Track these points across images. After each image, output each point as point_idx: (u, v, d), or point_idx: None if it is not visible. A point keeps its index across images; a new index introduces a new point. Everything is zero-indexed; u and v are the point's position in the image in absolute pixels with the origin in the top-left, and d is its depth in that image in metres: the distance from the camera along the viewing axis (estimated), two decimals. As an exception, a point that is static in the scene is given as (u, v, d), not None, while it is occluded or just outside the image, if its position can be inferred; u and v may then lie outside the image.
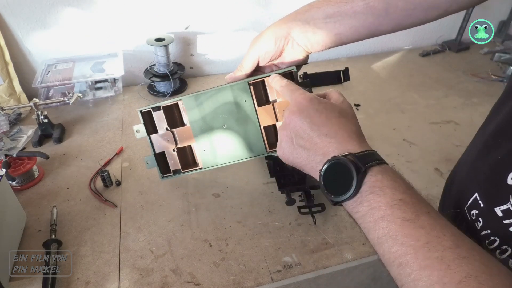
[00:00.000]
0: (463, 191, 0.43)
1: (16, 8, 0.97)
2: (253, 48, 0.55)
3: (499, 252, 0.37)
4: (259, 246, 0.66)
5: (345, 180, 0.37)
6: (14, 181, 0.75)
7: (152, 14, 1.08)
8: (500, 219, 0.36)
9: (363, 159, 0.37)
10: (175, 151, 0.59)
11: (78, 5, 1.00)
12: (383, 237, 0.34)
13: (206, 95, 0.56)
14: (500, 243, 0.37)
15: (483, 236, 0.39)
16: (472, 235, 0.40)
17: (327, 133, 0.41)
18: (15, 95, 1.03)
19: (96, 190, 0.77)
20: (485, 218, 0.39)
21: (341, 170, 0.37)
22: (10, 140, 0.87)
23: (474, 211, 0.40)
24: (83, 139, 0.92)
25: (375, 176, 0.36)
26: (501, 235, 0.37)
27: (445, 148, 0.90)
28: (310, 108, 0.43)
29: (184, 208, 0.74)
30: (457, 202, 0.45)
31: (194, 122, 0.57)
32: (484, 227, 0.39)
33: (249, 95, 0.54)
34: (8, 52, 0.99)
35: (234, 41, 1.19)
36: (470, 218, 0.41)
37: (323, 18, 0.51)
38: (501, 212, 0.37)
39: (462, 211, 0.43)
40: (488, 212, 0.38)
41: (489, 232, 0.38)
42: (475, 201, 0.40)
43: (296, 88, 0.48)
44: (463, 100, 1.10)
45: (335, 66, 1.21)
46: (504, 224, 0.36)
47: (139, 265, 0.63)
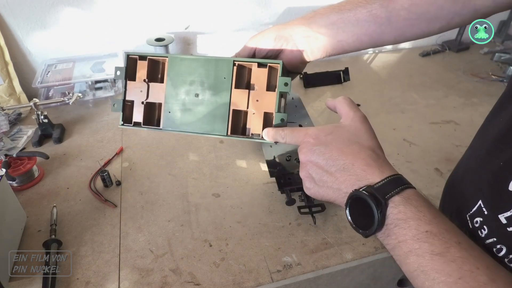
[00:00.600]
0: (466, 198, 0.43)
1: (16, 8, 0.97)
2: (252, 39, 0.55)
3: (507, 261, 0.36)
4: (259, 246, 0.66)
5: (368, 215, 0.36)
6: (14, 181, 0.75)
7: (152, 14, 1.08)
8: (505, 227, 0.36)
9: (382, 190, 0.36)
10: (143, 104, 0.58)
11: (78, 5, 1.00)
12: (414, 271, 0.33)
13: (190, 60, 0.56)
14: (507, 251, 0.36)
15: (488, 244, 0.38)
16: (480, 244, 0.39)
17: (344, 167, 0.39)
18: (15, 95, 1.03)
19: (96, 190, 0.77)
20: (489, 226, 0.38)
21: (363, 204, 0.36)
22: (10, 140, 0.87)
23: (478, 219, 0.40)
24: (83, 139, 0.92)
25: (397, 208, 0.35)
26: (508, 243, 0.36)
27: (445, 148, 0.90)
28: (319, 145, 0.42)
29: (184, 208, 0.74)
30: (458, 208, 0.44)
31: (170, 81, 0.57)
32: (489, 235, 0.38)
33: (230, 74, 0.54)
34: (8, 52, 0.99)
35: (234, 41, 1.19)
36: (472, 226, 0.40)
37: (326, 25, 0.51)
38: (505, 219, 0.36)
39: (464, 218, 0.42)
40: (493, 219, 0.37)
41: (495, 240, 0.37)
42: (479, 209, 0.39)
43: (297, 130, 0.46)
44: (463, 100, 1.10)
45: (335, 66, 1.21)
46: (509, 232, 0.36)
47: (139, 265, 0.63)
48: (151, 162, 0.85)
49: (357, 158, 0.39)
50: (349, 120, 0.44)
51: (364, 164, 0.39)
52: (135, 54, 0.58)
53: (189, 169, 0.83)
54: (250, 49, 0.55)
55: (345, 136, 0.42)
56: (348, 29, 0.51)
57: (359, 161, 0.39)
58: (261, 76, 0.53)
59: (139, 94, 0.59)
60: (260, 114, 0.52)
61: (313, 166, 0.42)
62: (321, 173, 0.41)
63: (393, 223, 0.35)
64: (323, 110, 1.05)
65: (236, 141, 0.91)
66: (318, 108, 1.05)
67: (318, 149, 0.42)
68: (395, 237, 0.35)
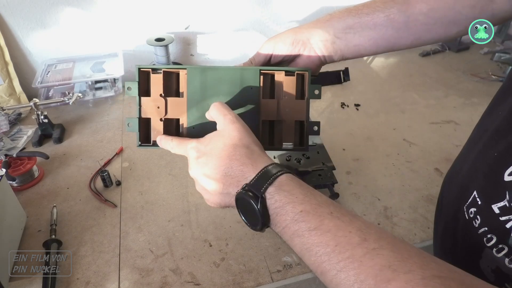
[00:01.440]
0: (463, 190, 0.43)
1: (16, 8, 0.97)
2: (268, 43, 0.54)
3: (496, 251, 0.37)
4: (259, 246, 0.66)
5: (254, 211, 0.37)
6: (14, 181, 0.75)
7: (152, 14, 1.08)
8: (497, 216, 0.36)
9: (257, 185, 0.37)
10: (162, 121, 0.55)
11: (78, 5, 1.00)
12: (301, 251, 0.36)
13: (213, 71, 0.53)
14: (497, 241, 0.37)
15: (480, 234, 0.39)
16: (469, 234, 0.40)
17: (225, 172, 0.41)
18: (15, 95, 1.03)
19: (96, 190, 0.77)
20: (482, 215, 0.39)
21: (246, 203, 0.38)
22: (10, 140, 0.87)
23: (472, 209, 0.40)
24: (83, 139, 0.92)
25: (273, 198, 0.37)
26: (498, 232, 0.37)
27: (445, 148, 0.90)
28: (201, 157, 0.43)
29: (184, 208, 0.74)
30: (456, 200, 0.45)
31: (192, 95, 0.54)
32: (481, 225, 0.39)
33: (257, 83, 0.52)
34: (8, 52, 0.99)
35: (234, 41, 1.19)
36: (467, 217, 0.41)
37: (343, 29, 0.51)
38: (498, 209, 0.37)
39: (461, 210, 0.43)
40: (485, 209, 0.38)
41: (486, 229, 0.38)
42: (474, 199, 0.40)
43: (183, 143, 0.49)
44: (463, 100, 1.10)
45: (335, 66, 1.20)
46: (500, 221, 0.36)
47: (139, 265, 0.63)
48: (151, 162, 0.85)
49: (232, 160, 0.40)
50: (222, 125, 0.44)
51: (240, 164, 0.40)
52: (147, 68, 0.55)
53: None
54: (266, 55, 0.55)
55: (221, 142, 0.42)
56: (365, 33, 0.51)
57: (235, 162, 0.40)
58: (290, 84, 0.52)
59: (156, 111, 0.56)
60: (291, 123, 0.52)
61: (202, 178, 0.43)
62: (210, 183, 0.42)
63: (274, 212, 0.37)
64: (323, 110, 1.05)
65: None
66: (318, 108, 1.05)
67: (201, 161, 0.43)
68: (280, 225, 0.37)
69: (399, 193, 0.78)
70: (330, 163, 0.75)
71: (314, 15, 1.22)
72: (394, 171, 0.84)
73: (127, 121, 0.57)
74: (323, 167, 0.74)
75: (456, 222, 0.44)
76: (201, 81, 0.54)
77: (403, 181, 0.81)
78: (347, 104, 1.07)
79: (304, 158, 0.76)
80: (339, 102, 1.08)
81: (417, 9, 0.48)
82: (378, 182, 0.81)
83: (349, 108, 1.06)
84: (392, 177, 0.82)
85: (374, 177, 0.82)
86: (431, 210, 0.73)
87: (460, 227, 0.43)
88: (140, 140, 0.57)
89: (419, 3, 0.49)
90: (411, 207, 0.75)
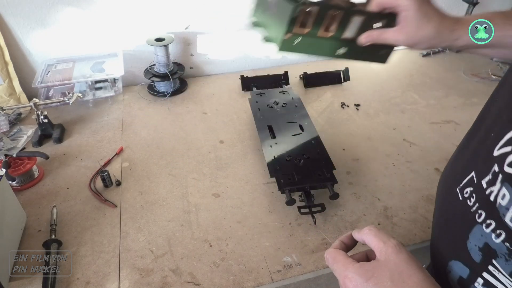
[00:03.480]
0: (459, 174, 0.43)
1: (16, 8, 0.97)
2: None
3: (485, 226, 0.37)
4: (259, 246, 0.66)
5: None
6: (14, 181, 0.75)
7: (152, 14, 1.08)
8: (484, 191, 0.37)
9: None
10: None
11: (78, 5, 1.00)
12: None
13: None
14: (485, 216, 0.37)
15: (473, 212, 0.38)
16: (464, 215, 0.40)
17: None
18: (15, 95, 1.03)
19: (96, 190, 0.77)
20: (476, 193, 0.39)
21: None
22: (10, 140, 0.87)
23: (469, 189, 0.40)
24: (83, 139, 0.92)
25: None
26: (486, 207, 0.37)
27: (445, 148, 0.90)
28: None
29: (184, 208, 0.74)
30: (449, 185, 0.45)
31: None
32: (475, 203, 0.39)
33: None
34: (8, 52, 0.99)
35: (234, 41, 1.19)
36: (462, 197, 0.41)
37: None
38: (485, 184, 0.37)
39: (454, 193, 0.43)
40: (478, 186, 0.38)
41: (478, 205, 0.38)
42: (471, 179, 0.40)
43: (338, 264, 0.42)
44: (463, 100, 1.10)
45: (335, 66, 1.21)
46: (486, 195, 0.36)
47: (139, 265, 0.63)
48: (151, 162, 0.85)
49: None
50: (383, 254, 0.39)
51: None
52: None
53: (189, 169, 0.83)
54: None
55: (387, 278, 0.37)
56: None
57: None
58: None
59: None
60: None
61: None
62: None
63: None
64: (323, 110, 1.05)
65: (236, 141, 0.92)
66: (318, 108, 1.05)
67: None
68: None
69: (399, 193, 0.78)
70: (330, 163, 0.75)
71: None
72: (394, 171, 0.84)
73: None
74: (323, 167, 0.74)
75: (449, 206, 0.44)
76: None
77: (403, 181, 0.81)
78: (347, 104, 1.07)
79: (304, 158, 0.76)
80: (339, 102, 1.08)
81: None
82: (378, 182, 0.81)
83: (349, 108, 1.06)
84: (392, 177, 0.82)
85: (374, 177, 0.82)
86: (431, 210, 0.73)
87: (453, 208, 0.43)
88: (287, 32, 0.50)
89: None
90: (411, 207, 0.75)
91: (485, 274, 0.37)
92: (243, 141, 0.92)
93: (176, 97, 1.10)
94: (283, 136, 0.83)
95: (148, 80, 1.09)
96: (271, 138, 0.82)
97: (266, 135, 0.83)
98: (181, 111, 1.03)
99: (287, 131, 0.84)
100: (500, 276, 0.36)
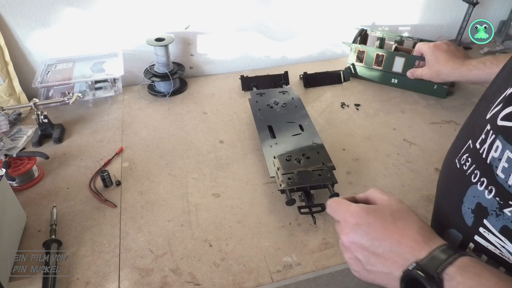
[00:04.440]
0: (457, 147, 0.44)
1: (16, 8, 0.97)
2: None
3: (479, 184, 0.38)
4: (259, 246, 0.66)
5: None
6: (14, 181, 0.75)
7: (152, 14, 1.08)
8: (478, 151, 0.38)
9: (432, 263, 0.34)
10: None
11: (78, 5, 1.00)
12: None
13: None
14: (480, 175, 0.37)
15: (468, 175, 0.39)
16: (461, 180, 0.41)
17: (390, 248, 0.38)
18: (15, 95, 1.03)
19: (96, 190, 0.77)
20: (471, 156, 0.40)
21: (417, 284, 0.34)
22: (10, 140, 0.87)
23: (465, 155, 0.41)
24: (83, 139, 0.92)
25: (454, 280, 0.33)
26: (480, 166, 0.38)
27: (445, 148, 0.89)
28: (362, 225, 0.40)
29: (184, 208, 0.74)
30: (448, 159, 0.46)
31: None
32: (470, 165, 0.40)
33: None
34: (8, 52, 0.99)
35: (234, 41, 1.19)
36: (459, 165, 0.42)
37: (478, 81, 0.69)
38: (478, 144, 0.38)
39: (452, 163, 0.44)
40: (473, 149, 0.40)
41: (474, 167, 0.39)
42: (468, 147, 0.41)
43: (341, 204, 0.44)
44: (463, 100, 1.10)
45: (335, 66, 1.20)
46: (480, 154, 0.37)
47: (139, 265, 0.63)
48: (151, 162, 0.85)
49: (403, 235, 0.38)
50: (387, 202, 0.43)
51: (411, 241, 0.37)
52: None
53: (189, 169, 0.83)
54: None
55: (388, 214, 0.40)
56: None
57: (406, 239, 0.38)
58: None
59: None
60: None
61: (358, 248, 0.40)
62: (368, 256, 0.39)
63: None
64: (323, 110, 1.05)
65: (236, 141, 0.92)
66: (318, 108, 1.05)
67: (361, 229, 0.40)
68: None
69: (399, 193, 0.78)
70: (330, 163, 0.75)
71: (314, 15, 1.22)
72: (394, 171, 0.84)
73: None
74: (323, 167, 0.74)
75: (449, 177, 0.45)
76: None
77: (403, 181, 0.81)
78: (347, 104, 1.07)
79: (304, 158, 0.76)
80: (339, 102, 1.08)
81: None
82: (378, 182, 0.81)
83: (349, 108, 1.06)
84: (392, 177, 0.82)
85: (374, 177, 0.82)
86: (431, 210, 0.73)
87: (451, 179, 0.44)
88: None
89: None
90: (411, 207, 0.74)
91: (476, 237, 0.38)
92: (243, 141, 0.92)
93: (176, 97, 1.10)
94: (283, 136, 0.83)
95: (148, 80, 1.09)
96: (271, 138, 0.82)
97: (266, 135, 0.83)
98: (181, 111, 1.03)
99: (287, 131, 0.84)
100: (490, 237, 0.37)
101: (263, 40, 1.21)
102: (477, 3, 1.20)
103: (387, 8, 1.28)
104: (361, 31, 1.22)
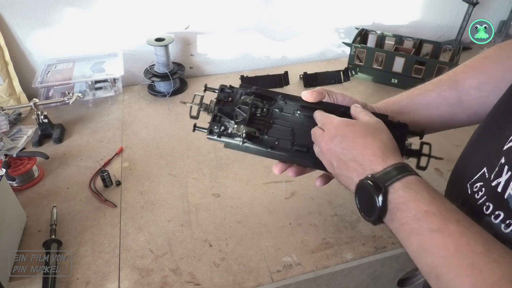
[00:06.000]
0: (470, 169, 0.44)
1: (16, 8, 0.97)
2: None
3: (493, 217, 0.38)
4: (259, 246, 0.66)
5: (372, 202, 0.38)
6: (14, 181, 0.75)
7: (152, 14, 1.08)
8: (491, 183, 0.38)
9: (383, 177, 0.38)
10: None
11: (78, 5, 1.00)
12: (416, 251, 0.35)
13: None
14: (494, 208, 0.38)
15: (480, 204, 0.39)
16: (469, 206, 0.41)
17: (355, 157, 0.42)
18: (15, 95, 1.03)
19: (96, 190, 0.77)
20: (485, 186, 0.40)
21: (367, 193, 0.39)
22: (10, 140, 0.87)
23: (479, 184, 0.41)
24: (83, 139, 0.92)
25: (397, 193, 0.37)
26: (494, 199, 0.38)
27: (445, 148, 0.90)
28: (339, 135, 0.45)
29: (184, 208, 0.74)
30: (459, 178, 0.46)
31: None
32: (482, 196, 0.40)
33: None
34: (8, 52, 0.99)
35: (234, 41, 1.19)
36: (470, 191, 0.42)
37: (398, 110, 0.55)
38: (493, 176, 0.38)
39: (464, 187, 0.43)
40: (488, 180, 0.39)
41: (485, 198, 0.39)
42: (483, 175, 0.41)
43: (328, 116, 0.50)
44: (463, 100, 1.10)
45: (335, 66, 1.20)
46: (493, 187, 0.37)
47: (139, 265, 0.63)
48: (151, 162, 0.85)
49: (366, 148, 0.42)
50: (367, 120, 0.47)
51: (371, 154, 0.41)
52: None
53: (189, 169, 0.83)
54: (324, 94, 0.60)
55: (361, 129, 0.45)
56: (419, 112, 0.55)
57: (368, 151, 0.42)
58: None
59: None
60: None
61: (331, 154, 0.45)
62: (338, 161, 0.45)
63: (395, 207, 0.37)
64: (323, 110, 1.05)
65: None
66: (318, 108, 1.05)
67: (336, 138, 0.45)
68: (398, 220, 0.37)
69: (399, 193, 0.78)
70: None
71: (314, 15, 1.22)
72: (394, 171, 0.83)
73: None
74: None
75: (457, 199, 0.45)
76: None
77: (403, 181, 0.81)
78: (347, 104, 1.07)
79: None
80: (339, 102, 1.08)
81: (467, 85, 0.51)
82: (378, 182, 0.81)
83: (349, 108, 1.06)
84: (392, 177, 0.82)
85: (374, 177, 0.82)
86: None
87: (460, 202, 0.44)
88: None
89: (468, 79, 0.51)
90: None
91: None
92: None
93: (176, 97, 1.10)
94: (283, 136, 0.83)
95: (148, 80, 1.09)
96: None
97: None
98: (181, 111, 1.03)
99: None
100: None
101: (263, 40, 1.21)
102: (477, 3, 1.20)
103: (387, 8, 1.28)
104: (361, 31, 1.22)
